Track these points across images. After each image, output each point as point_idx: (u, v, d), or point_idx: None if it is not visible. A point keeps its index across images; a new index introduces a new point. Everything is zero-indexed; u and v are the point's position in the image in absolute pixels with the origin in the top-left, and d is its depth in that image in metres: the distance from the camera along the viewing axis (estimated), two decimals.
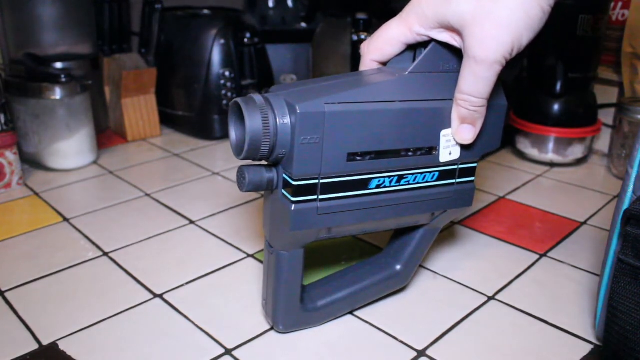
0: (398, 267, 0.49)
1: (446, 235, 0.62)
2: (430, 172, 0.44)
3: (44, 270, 0.56)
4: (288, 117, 0.37)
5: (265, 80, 0.97)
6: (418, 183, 0.44)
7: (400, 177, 0.43)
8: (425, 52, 0.41)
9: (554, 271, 0.56)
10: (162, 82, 0.95)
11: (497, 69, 0.38)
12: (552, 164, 0.83)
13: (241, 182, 0.40)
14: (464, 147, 0.44)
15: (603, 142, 0.88)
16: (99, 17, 0.97)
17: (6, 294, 0.52)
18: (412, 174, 0.43)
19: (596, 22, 0.76)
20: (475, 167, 0.46)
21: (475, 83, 0.39)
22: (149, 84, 0.92)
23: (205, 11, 1.00)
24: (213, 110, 0.92)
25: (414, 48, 0.43)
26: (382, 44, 0.43)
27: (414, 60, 0.42)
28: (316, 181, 0.39)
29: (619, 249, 0.39)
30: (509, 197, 0.73)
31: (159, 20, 0.94)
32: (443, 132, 0.42)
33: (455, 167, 0.45)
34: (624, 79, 0.83)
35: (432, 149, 0.43)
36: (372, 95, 0.39)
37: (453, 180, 0.45)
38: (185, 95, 0.94)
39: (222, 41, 0.91)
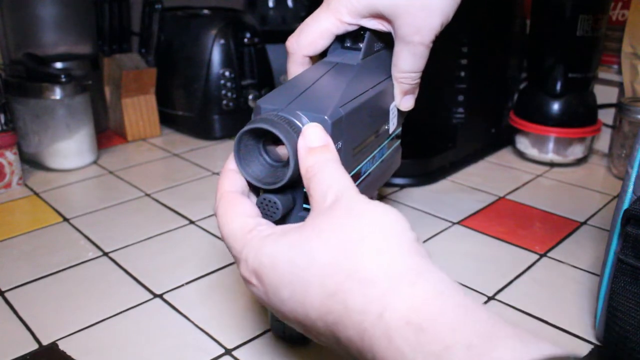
0: None
1: (446, 235, 0.62)
2: (384, 145, 0.47)
3: (44, 270, 0.56)
4: None
5: (265, 80, 0.97)
6: (381, 158, 0.46)
7: (373, 158, 0.44)
8: (366, 39, 0.43)
9: (554, 271, 0.56)
10: (162, 82, 0.94)
11: (431, 46, 0.42)
12: (552, 164, 0.83)
13: (272, 211, 0.36)
14: (400, 115, 0.48)
15: (603, 142, 0.88)
16: (99, 17, 0.97)
17: (6, 294, 0.52)
18: (378, 151, 0.45)
19: (596, 22, 0.76)
20: (401, 130, 0.51)
21: (415, 62, 0.43)
22: (149, 84, 0.92)
23: (205, 11, 1.00)
24: (213, 110, 0.92)
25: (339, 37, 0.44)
26: (314, 38, 0.43)
27: (343, 46, 0.44)
28: None
29: (619, 249, 0.39)
30: (509, 197, 0.73)
31: (159, 20, 0.94)
32: (390, 106, 0.46)
33: (394, 134, 0.49)
34: (624, 79, 0.83)
35: (385, 124, 0.46)
36: (359, 88, 0.40)
37: (394, 146, 0.49)
38: (185, 95, 0.94)
39: (222, 41, 0.90)
